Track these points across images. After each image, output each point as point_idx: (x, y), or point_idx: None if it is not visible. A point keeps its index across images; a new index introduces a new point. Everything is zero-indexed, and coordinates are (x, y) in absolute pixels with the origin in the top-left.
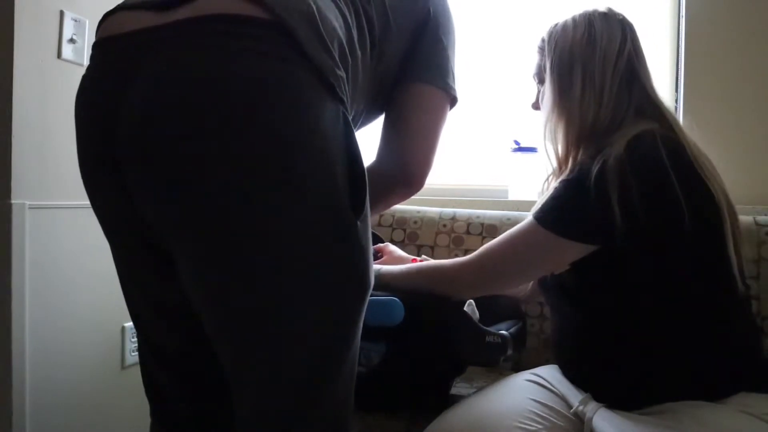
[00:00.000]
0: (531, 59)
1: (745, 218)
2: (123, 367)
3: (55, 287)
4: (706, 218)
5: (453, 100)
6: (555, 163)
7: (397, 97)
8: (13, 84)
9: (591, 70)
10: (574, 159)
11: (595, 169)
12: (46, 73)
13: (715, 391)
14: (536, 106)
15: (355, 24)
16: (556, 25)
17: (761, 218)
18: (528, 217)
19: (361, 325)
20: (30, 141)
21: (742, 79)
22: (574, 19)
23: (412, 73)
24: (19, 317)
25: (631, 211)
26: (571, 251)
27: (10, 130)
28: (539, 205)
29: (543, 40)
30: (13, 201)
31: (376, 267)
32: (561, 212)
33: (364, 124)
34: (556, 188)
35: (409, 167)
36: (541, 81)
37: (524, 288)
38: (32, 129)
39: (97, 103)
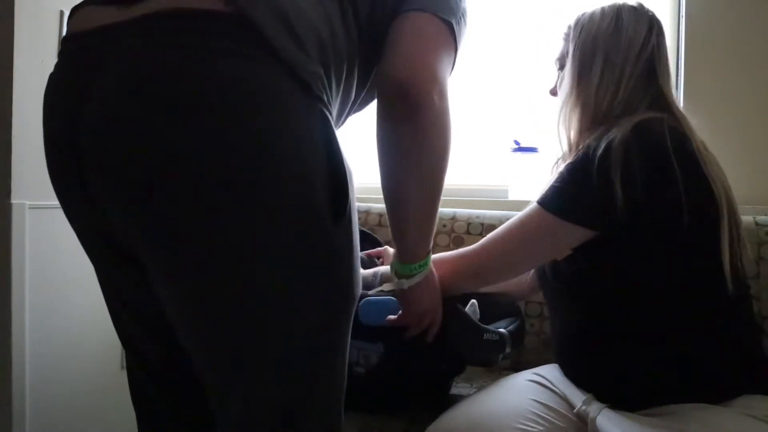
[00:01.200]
0: (555, 47)
1: (745, 218)
2: (123, 367)
3: (55, 287)
4: (703, 214)
5: (453, 35)
6: (566, 147)
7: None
8: (13, 84)
9: (612, 59)
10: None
11: (599, 150)
12: (46, 73)
13: (719, 394)
14: (554, 91)
15: (338, 10)
16: (584, 13)
17: (761, 218)
18: (532, 202)
19: (348, 333)
20: (30, 141)
21: (742, 79)
22: (603, 9)
23: (401, 6)
24: (19, 317)
25: (633, 194)
26: (573, 235)
27: (10, 130)
28: (543, 190)
29: (569, 27)
30: (13, 201)
31: (374, 270)
32: (564, 195)
33: (359, 109)
34: (560, 172)
35: (402, 69)
36: (561, 67)
37: (523, 286)
38: (32, 129)
39: (60, 106)
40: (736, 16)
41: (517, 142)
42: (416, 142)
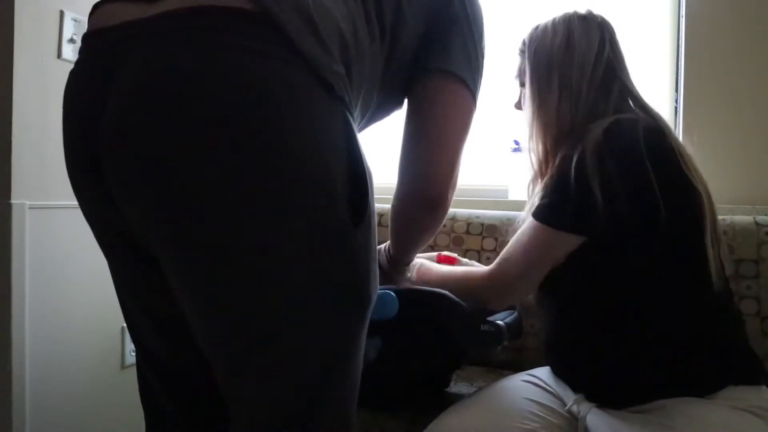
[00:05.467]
0: (513, 61)
1: (745, 218)
2: (123, 367)
3: (55, 287)
4: (683, 210)
5: (474, 97)
6: (536, 166)
7: (413, 89)
8: (13, 84)
9: (568, 77)
10: (553, 161)
11: (575, 158)
12: (46, 73)
13: (704, 387)
14: (518, 106)
15: (361, 11)
16: (537, 28)
17: (761, 218)
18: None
19: (363, 338)
20: (30, 141)
21: (742, 79)
22: (554, 23)
23: (429, 60)
24: (19, 317)
25: (611, 197)
26: (565, 243)
27: (10, 130)
28: (530, 205)
29: (524, 43)
30: (13, 201)
31: (418, 260)
32: (551, 206)
33: (378, 117)
34: (545, 186)
35: (431, 184)
36: (522, 84)
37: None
38: (32, 129)
39: (81, 102)
40: (736, 16)
41: (517, 142)
42: (430, 223)
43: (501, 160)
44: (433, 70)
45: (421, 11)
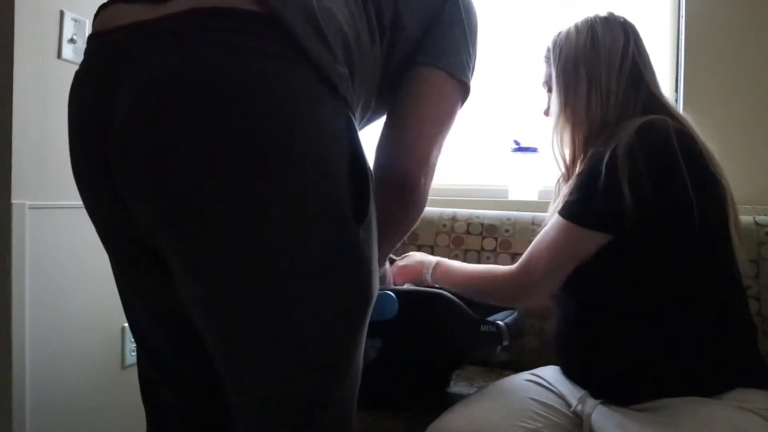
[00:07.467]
0: (539, 68)
1: (745, 218)
2: (123, 367)
3: (55, 287)
4: (713, 210)
5: (464, 90)
6: (563, 168)
7: (402, 82)
8: (13, 84)
9: (597, 73)
10: (582, 161)
11: (606, 155)
12: (46, 73)
13: (712, 387)
14: (547, 113)
15: (363, 14)
16: (560, 33)
17: (761, 218)
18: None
19: (364, 337)
20: (30, 141)
21: (742, 78)
22: (576, 26)
23: (420, 56)
24: (19, 317)
25: (641, 195)
26: (592, 240)
27: (10, 130)
28: (559, 202)
29: (548, 49)
30: (13, 201)
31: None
32: (578, 203)
33: (375, 119)
34: (574, 183)
35: (402, 162)
36: (550, 89)
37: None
38: (32, 129)
39: (88, 103)
40: (736, 16)
41: (517, 142)
42: (398, 208)
43: (501, 160)
44: (421, 63)
45: (418, 14)
